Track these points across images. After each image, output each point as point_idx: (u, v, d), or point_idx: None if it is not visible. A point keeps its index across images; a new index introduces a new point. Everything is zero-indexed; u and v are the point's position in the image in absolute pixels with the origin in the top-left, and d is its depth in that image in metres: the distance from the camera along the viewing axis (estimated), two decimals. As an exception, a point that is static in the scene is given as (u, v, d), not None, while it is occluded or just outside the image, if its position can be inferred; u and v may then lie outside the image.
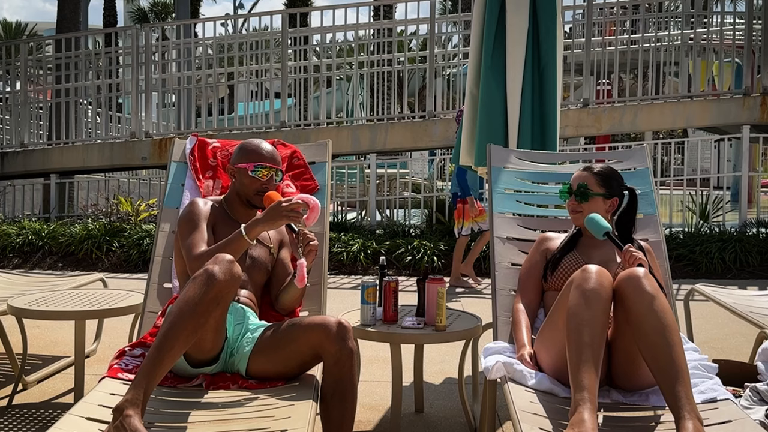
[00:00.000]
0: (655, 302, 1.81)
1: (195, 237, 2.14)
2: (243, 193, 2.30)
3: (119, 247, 6.70)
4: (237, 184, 2.31)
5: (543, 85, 3.29)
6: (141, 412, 1.60)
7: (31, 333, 3.42)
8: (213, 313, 1.79)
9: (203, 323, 1.76)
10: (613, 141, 11.17)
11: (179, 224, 2.21)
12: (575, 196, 2.29)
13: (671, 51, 7.76)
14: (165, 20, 25.07)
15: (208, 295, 1.76)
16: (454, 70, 8.36)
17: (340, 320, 1.93)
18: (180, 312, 1.73)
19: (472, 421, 2.64)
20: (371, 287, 2.45)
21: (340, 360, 1.88)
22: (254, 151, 2.29)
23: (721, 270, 5.88)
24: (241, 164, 2.28)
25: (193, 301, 1.74)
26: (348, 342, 1.90)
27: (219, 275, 1.77)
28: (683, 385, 1.70)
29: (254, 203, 2.30)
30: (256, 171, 2.26)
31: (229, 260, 1.82)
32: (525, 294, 2.33)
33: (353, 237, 6.59)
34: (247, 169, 2.27)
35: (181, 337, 1.72)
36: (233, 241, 2.05)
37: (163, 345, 1.70)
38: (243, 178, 2.28)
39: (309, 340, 1.92)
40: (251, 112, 8.53)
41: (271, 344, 2.00)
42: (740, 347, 3.74)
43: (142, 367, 1.68)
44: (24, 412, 2.78)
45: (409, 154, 9.90)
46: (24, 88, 8.80)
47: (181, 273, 2.29)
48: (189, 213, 2.22)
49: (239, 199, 2.32)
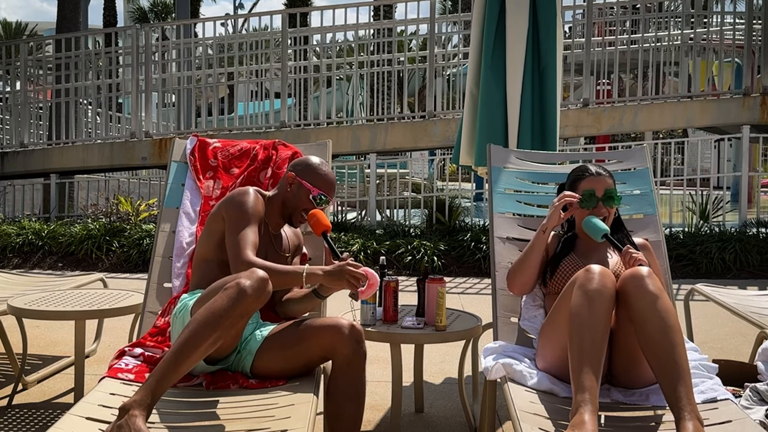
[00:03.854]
0: (658, 302, 1.81)
1: (248, 235, 2.08)
2: (290, 206, 2.25)
3: (119, 247, 6.70)
4: (289, 194, 2.25)
5: (543, 85, 3.29)
6: (147, 415, 1.60)
7: (31, 333, 3.42)
8: (237, 325, 1.79)
9: (225, 335, 1.76)
10: (613, 141, 11.16)
11: (232, 208, 2.13)
12: (603, 202, 2.23)
13: (671, 51, 7.76)
14: (165, 20, 25.08)
15: (236, 310, 1.75)
16: (454, 70, 8.36)
17: (353, 323, 1.95)
18: (205, 322, 1.72)
19: (472, 421, 2.64)
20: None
21: (353, 362, 1.91)
22: (325, 180, 2.25)
23: (721, 270, 5.88)
24: (307, 183, 2.23)
25: (219, 313, 1.73)
26: (361, 345, 1.92)
27: (250, 292, 1.76)
28: (684, 386, 1.70)
29: (294, 219, 2.27)
30: (318, 200, 2.23)
31: (264, 279, 1.81)
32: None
33: (353, 237, 6.58)
34: (311, 192, 2.22)
35: (201, 347, 1.71)
36: (291, 276, 2.01)
37: (182, 351, 1.69)
38: (300, 194, 2.23)
39: (320, 341, 1.93)
40: (251, 112, 8.53)
41: (279, 342, 2.00)
42: (740, 347, 3.74)
43: (156, 370, 1.67)
44: (24, 412, 2.78)
45: (409, 154, 9.90)
46: (24, 88, 8.80)
47: (202, 259, 2.22)
48: (249, 205, 2.14)
49: (281, 206, 2.27)
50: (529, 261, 2.27)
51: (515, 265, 2.31)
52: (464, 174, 9.50)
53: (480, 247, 6.23)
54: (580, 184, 2.28)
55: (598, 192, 2.23)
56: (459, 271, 6.14)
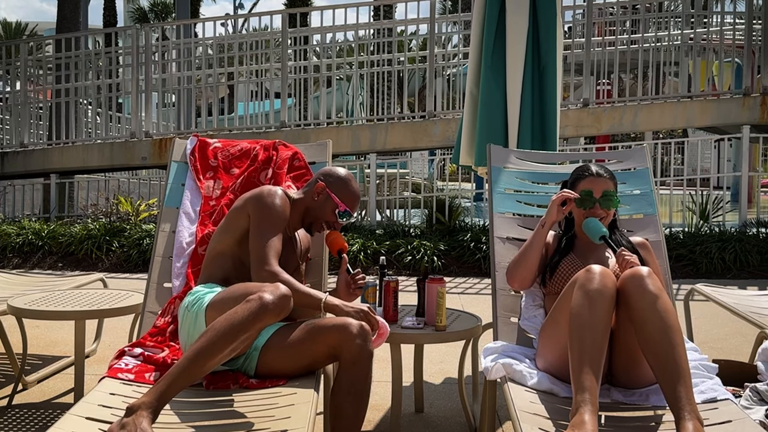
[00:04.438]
0: (658, 302, 1.81)
1: (275, 243, 2.09)
2: (314, 215, 2.27)
3: (119, 247, 6.70)
4: (316, 203, 2.26)
5: (543, 85, 3.29)
6: (153, 418, 1.60)
7: (31, 333, 3.42)
8: (253, 337, 1.82)
9: (240, 347, 1.78)
10: (613, 141, 11.16)
11: (261, 209, 2.12)
12: (600, 204, 2.22)
13: (671, 51, 7.76)
14: (165, 20, 25.08)
15: (256, 324, 1.77)
16: (454, 70, 8.35)
17: (361, 322, 1.96)
18: (223, 332, 1.73)
19: (472, 421, 2.65)
20: (371, 287, 2.45)
21: (359, 361, 1.92)
22: (354, 196, 2.27)
23: (721, 270, 5.88)
24: (335, 198, 2.25)
25: (238, 327, 1.75)
26: (368, 344, 1.93)
27: (272, 308, 1.79)
28: (684, 386, 1.70)
29: (313, 229, 2.30)
30: (343, 216, 2.26)
31: (287, 296, 1.83)
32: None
33: (353, 237, 6.59)
34: (338, 207, 2.24)
35: (216, 357, 1.73)
36: (311, 298, 2.04)
37: (197, 359, 1.70)
38: (326, 206, 2.25)
39: (327, 340, 1.94)
40: (251, 112, 8.53)
41: (285, 340, 2.00)
42: (740, 347, 3.74)
43: (168, 374, 1.67)
44: (24, 412, 2.78)
45: (409, 154, 9.90)
46: (24, 88, 8.80)
47: (218, 252, 2.21)
48: (278, 209, 2.14)
49: (304, 213, 2.29)
50: (529, 255, 2.27)
51: (515, 260, 2.31)
52: (464, 174, 9.50)
53: (480, 247, 6.23)
54: (580, 184, 2.28)
55: (596, 193, 2.23)
56: (459, 271, 6.14)
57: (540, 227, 2.27)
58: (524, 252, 2.29)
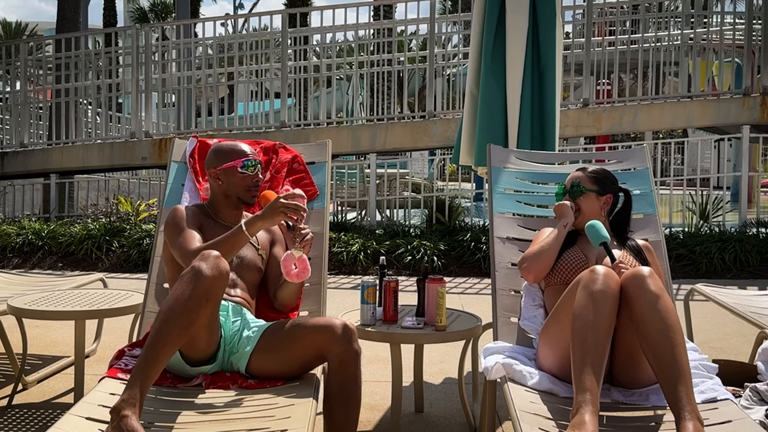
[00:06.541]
0: (659, 302, 1.82)
1: (186, 236, 2.13)
2: (233, 193, 2.30)
3: (119, 247, 6.70)
4: (224, 186, 2.30)
5: (543, 85, 3.29)
6: (138, 412, 1.60)
7: (31, 333, 3.42)
8: (203, 309, 1.79)
9: (194, 319, 1.76)
10: (613, 141, 11.16)
11: (166, 230, 2.20)
12: (569, 194, 2.37)
13: (671, 51, 7.76)
14: (165, 20, 25.07)
15: (197, 291, 1.76)
16: (454, 70, 8.35)
17: (346, 322, 1.95)
18: (170, 310, 1.73)
19: (472, 421, 2.65)
20: (371, 287, 2.45)
21: (345, 361, 1.90)
22: (234, 149, 2.31)
23: (721, 270, 5.88)
24: (227, 164, 2.28)
25: (183, 298, 1.74)
26: (353, 344, 1.92)
27: (206, 271, 1.78)
28: (685, 386, 1.70)
29: (246, 200, 2.31)
30: (246, 167, 2.27)
31: (216, 256, 1.83)
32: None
33: (353, 237, 6.58)
34: (236, 167, 2.27)
35: (172, 334, 1.72)
36: (233, 235, 2.04)
37: (155, 343, 1.70)
38: (232, 177, 2.28)
39: (313, 341, 1.94)
40: (251, 112, 8.52)
41: (273, 344, 2.00)
42: (740, 347, 3.74)
43: (135, 367, 1.68)
44: (24, 412, 2.78)
45: (409, 154, 9.90)
46: (24, 88, 8.80)
47: (171, 279, 2.28)
48: (174, 218, 2.21)
49: (227, 200, 2.32)
50: (550, 251, 2.31)
51: (535, 254, 2.33)
52: (464, 174, 9.49)
53: (480, 247, 6.23)
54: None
55: (567, 185, 2.40)
56: (459, 271, 6.14)
57: (561, 227, 2.35)
58: (546, 248, 2.32)
